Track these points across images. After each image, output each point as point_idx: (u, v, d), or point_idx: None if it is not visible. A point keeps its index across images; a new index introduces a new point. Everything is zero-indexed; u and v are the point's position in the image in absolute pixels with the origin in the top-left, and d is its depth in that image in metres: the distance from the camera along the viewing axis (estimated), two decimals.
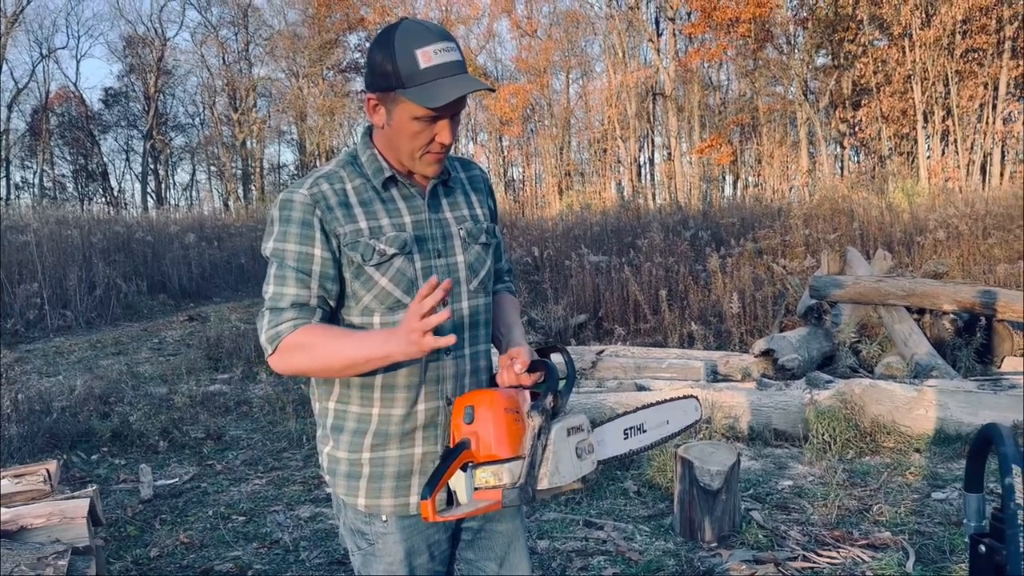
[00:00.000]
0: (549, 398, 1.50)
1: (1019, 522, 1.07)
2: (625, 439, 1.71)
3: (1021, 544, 1.05)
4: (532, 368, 1.59)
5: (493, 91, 1.56)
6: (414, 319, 1.39)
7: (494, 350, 1.77)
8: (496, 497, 1.43)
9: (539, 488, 1.46)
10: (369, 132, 1.67)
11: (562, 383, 1.58)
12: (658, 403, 1.84)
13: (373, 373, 1.60)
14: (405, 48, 1.49)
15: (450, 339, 1.40)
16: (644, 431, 1.75)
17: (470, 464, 1.45)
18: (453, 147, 1.63)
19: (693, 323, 7.62)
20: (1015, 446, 1.09)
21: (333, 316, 1.63)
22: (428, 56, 1.48)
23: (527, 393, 1.54)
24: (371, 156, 1.63)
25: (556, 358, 1.66)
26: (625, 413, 1.75)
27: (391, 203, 1.62)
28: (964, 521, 1.33)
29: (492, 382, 1.68)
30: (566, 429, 1.50)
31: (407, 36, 1.50)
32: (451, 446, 1.50)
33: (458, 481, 1.46)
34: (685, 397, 1.93)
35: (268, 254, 1.60)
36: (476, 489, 1.45)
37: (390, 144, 1.60)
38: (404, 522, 1.66)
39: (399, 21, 1.54)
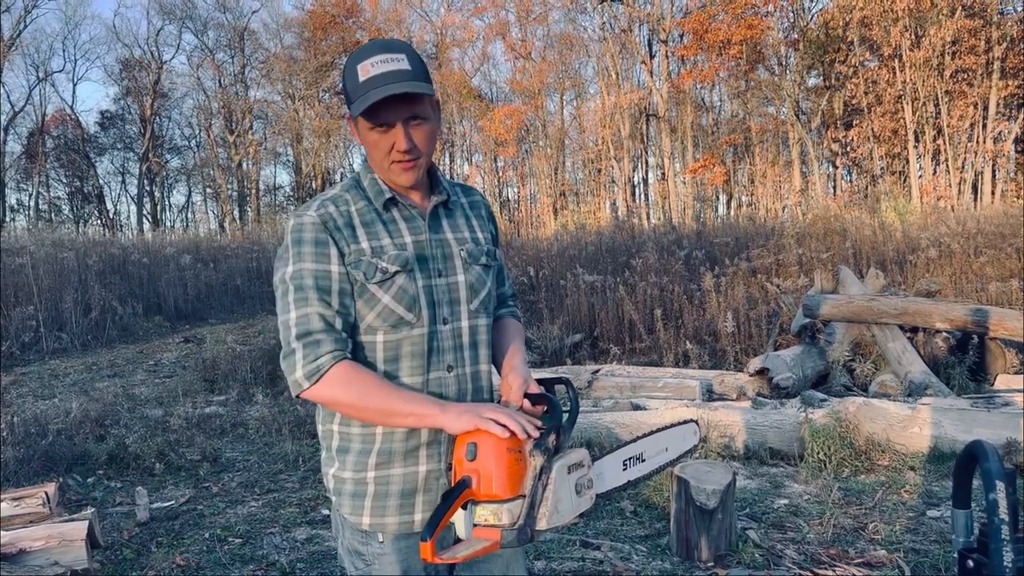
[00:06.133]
0: (552, 436, 1.49)
1: (1003, 536, 1.09)
2: (624, 470, 1.70)
3: (1005, 558, 1.07)
4: (536, 400, 1.60)
5: (432, 94, 1.58)
6: (503, 415, 1.47)
7: (495, 371, 1.78)
8: (495, 537, 1.42)
9: (538, 528, 1.45)
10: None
11: (565, 416, 1.57)
12: (657, 431, 1.82)
13: None
14: (352, 66, 1.57)
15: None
16: (643, 460, 1.75)
17: (470, 501, 1.45)
18: (448, 167, 1.66)
19: (688, 342, 7.65)
20: (999, 462, 1.11)
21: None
22: (366, 69, 1.54)
23: None
24: (372, 180, 1.68)
25: (559, 386, 1.66)
26: (624, 444, 1.74)
27: (392, 224, 1.66)
28: (952, 537, 1.35)
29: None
30: (567, 467, 1.49)
31: (356, 55, 1.58)
32: (452, 484, 1.49)
33: (458, 517, 1.46)
34: (685, 422, 1.92)
35: (286, 279, 1.58)
36: (475, 526, 1.45)
37: (372, 160, 1.66)
38: (401, 543, 1.67)
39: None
